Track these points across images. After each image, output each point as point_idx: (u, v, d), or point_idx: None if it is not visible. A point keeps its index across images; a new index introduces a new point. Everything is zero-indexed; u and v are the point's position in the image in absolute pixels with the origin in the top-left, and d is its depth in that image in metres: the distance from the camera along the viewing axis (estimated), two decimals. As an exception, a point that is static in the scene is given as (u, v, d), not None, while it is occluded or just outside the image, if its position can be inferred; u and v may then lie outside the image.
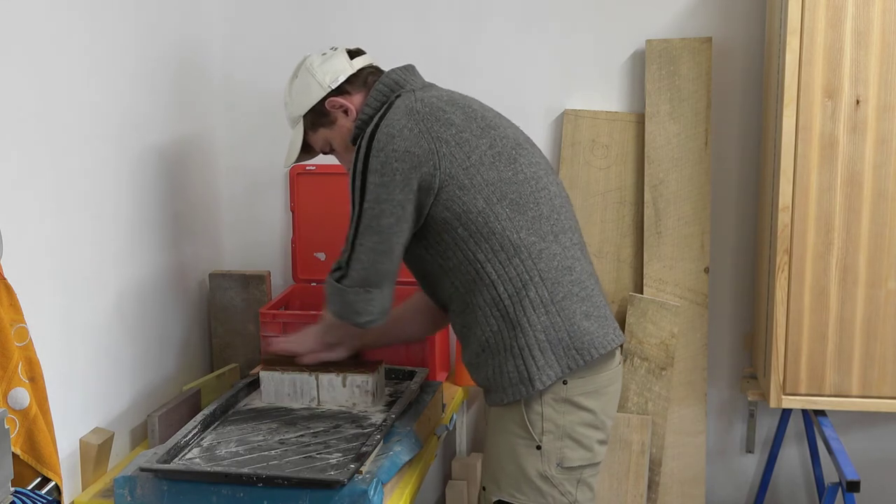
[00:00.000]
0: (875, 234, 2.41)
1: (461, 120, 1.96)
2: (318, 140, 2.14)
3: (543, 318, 1.92)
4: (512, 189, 1.94)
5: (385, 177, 1.89)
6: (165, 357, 2.56)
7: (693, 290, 2.80)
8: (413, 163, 1.89)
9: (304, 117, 2.11)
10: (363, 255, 1.93)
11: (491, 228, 1.91)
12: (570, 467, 1.95)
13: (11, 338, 1.71)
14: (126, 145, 2.34)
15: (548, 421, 1.93)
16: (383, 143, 1.90)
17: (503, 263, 1.92)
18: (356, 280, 1.96)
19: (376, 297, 1.97)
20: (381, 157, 1.89)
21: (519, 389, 1.92)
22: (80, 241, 2.13)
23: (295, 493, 1.83)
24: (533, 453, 1.94)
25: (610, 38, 2.80)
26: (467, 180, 1.91)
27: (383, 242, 1.92)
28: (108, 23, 2.24)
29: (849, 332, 2.45)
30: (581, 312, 1.95)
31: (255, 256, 2.97)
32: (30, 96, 1.94)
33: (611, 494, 2.74)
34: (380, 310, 1.99)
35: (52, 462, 1.78)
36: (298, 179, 2.87)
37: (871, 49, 2.35)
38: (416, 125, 1.91)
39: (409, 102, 1.96)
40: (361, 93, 2.08)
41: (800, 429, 2.93)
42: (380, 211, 1.90)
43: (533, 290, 1.92)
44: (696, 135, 2.76)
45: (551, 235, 1.96)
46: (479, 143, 1.95)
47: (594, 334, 1.95)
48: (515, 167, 1.97)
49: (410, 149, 1.89)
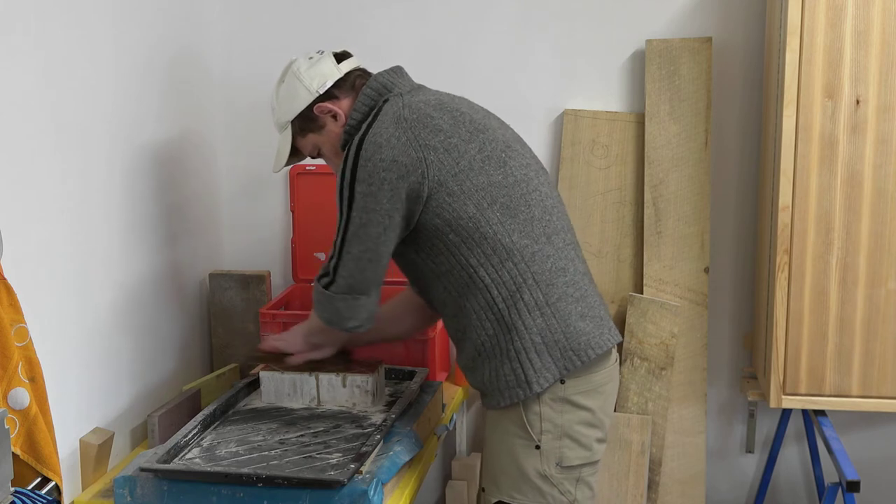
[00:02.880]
0: (875, 234, 2.41)
1: (449, 125, 1.94)
2: (306, 145, 2.13)
3: (539, 321, 1.91)
4: (503, 193, 1.93)
5: (372, 186, 1.88)
6: (165, 357, 2.56)
7: (693, 290, 2.80)
8: (400, 172, 1.88)
9: (292, 123, 2.10)
10: (350, 262, 1.94)
11: (483, 233, 1.91)
12: (569, 466, 1.95)
13: (11, 338, 1.71)
14: (126, 145, 2.34)
15: (546, 420, 1.93)
16: (370, 153, 1.88)
17: (496, 267, 1.91)
18: (343, 287, 1.96)
19: (363, 303, 1.97)
20: (368, 167, 1.88)
21: (516, 392, 1.92)
22: (80, 242, 2.13)
23: (295, 493, 1.83)
24: (532, 453, 1.94)
25: (610, 39, 2.80)
26: (457, 186, 1.90)
27: (370, 251, 1.92)
28: (108, 23, 2.24)
29: (849, 332, 2.45)
30: (576, 313, 1.95)
31: (255, 256, 2.97)
32: (30, 97, 1.94)
33: (611, 494, 2.74)
34: (367, 315, 2.00)
35: (52, 462, 1.78)
36: (298, 179, 2.87)
37: (871, 49, 2.35)
38: (404, 133, 1.90)
39: (397, 109, 1.95)
40: (350, 97, 2.06)
41: (800, 429, 2.93)
42: (367, 220, 1.90)
43: (527, 293, 1.91)
44: (696, 135, 2.76)
45: (544, 237, 1.95)
46: (469, 148, 1.93)
47: (590, 335, 1.95)
48: (505, 170, 1.95)
49: (398, 158, 1.88)
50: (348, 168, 1.91)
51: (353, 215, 1.91)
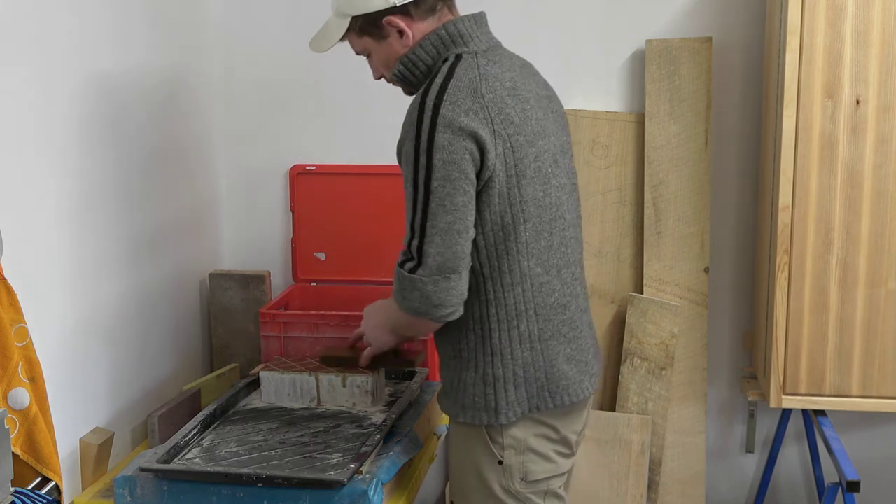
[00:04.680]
0: (875, 234, 2.41)
1: (520, 118, 1.81)
2: (358, 44, 1.95)
3: (527, 354, 1.83)
4: (537, 213, 1.82)
5: (454, 154, 1.73)
6: (165, 357, 2.56)
7: (693, 290, 2.80)
8: (478, 145, 1.75)
9: (354, 17, 1.90)
10: (438, 237, 1.74)
11: (507, 248, 1.80)
12: (534, 480, 1.88)
13: (11, 338, 1.71)
14: (126, 145, 2.34)
15: (508, 436, 1.85)
16: (449, 119, 1.73)
17: (505, 288, 1.81)
18: (433, 268, 1.75)
19: (455, 284, 1.76)
20: (447, 135, 1.73)
21: (480, 416, 1.84)
22: (80, 241, 2.13)
23: (295, 493, 1.83)
24: (495, 468, 1.86)
25: (610, 38, 2.80)
26: (506, 189, 1.78)
27: (458, 222, 1.74)
28: (108, 23, 2.24)
29: (849, 332, 2.45)
30: (564, 355, 1.87)
31: (255, 256, 2.97)
32: (30, 97, 1.94)
33: (611, 494, 2.74)
34: (458, 300, 1.78)
35: (52, 462, 1.78)
36: (298, 179, 2.88)
37: (871, 49, 2.35)
38: (481, 110, 1.76)
39: (473, 78, 1.79)
40: (425, 21, 1.88)
41: (800, 429, 2.93)
42: (452, 189, 1.73)
43: (524, 324, 1.83)
44: (696, 135, 2.76)
45: (555, 269, 1.86)
46: (528, 153, 1.81)
47: (571, 380, 1.87)
48: (546, 189, 1.84)
49: (477, 131, 1.74)
50: (424, 134, 1.75)
51: (434, 185, 1.73)
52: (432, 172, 1.74)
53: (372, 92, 2.60)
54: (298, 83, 2.89)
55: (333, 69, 2.82)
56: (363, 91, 2.80)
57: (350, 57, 2.10)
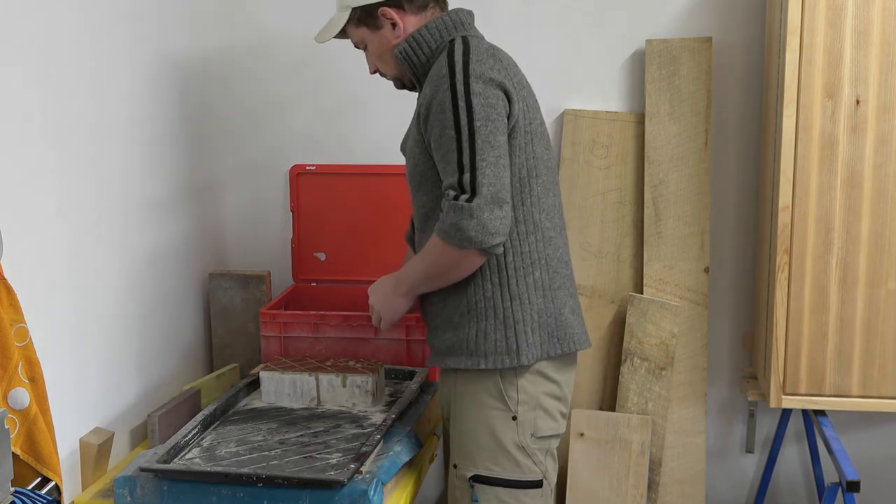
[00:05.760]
0: (875, 234, 2.41)
1: (526, 87, 2.02)
2: (355, 34, 2.11)
3: (540, 301, 1.98)
4: (545, 171, 2.00)
5: (490, 98, 1.89)
6: (165, 357, 2.56)
7: (693, 290, 2.80)
8: (507, 95, 1.92)
9: (353, 9, 2.07)
10: (489, 169, 1.87)
11: (522, 199, 1.96)
12: (542, 437, 2.01)
13: (11, 338, 1.71)
14: (125, 146, 2.34)
15: (522, 391, 1.98)
16: (480, 72, 1.90)
17: (520, 237, 1.96)
18: (488, 197, 1.85)
19: (507, 213, 1.88)
20: (480, 83, 1.89)
21: (503, 359, 1.95)
22: (80, 242, 2.13)
23: (295, 493, 1.83)
24: (509, 424, 1.98)
25: (610, 38, 2.80)
26: (524, 143, 1.96)
27: (503, 157, 1.89)
28: (108, 23, 2.24)
29: (849, 332, 2.45)
30: (568, 307, 2.04)
31: (255, 256, 2.97)
32: (32, 97, 1.94)
33: (611, 494, 2.74)
34: (506, 230, 1.90)
35: (52, 462, 1.78)
36: (298, 179, 2.87)
37: (871, 49, 2.35)
38: (503, 69, 1.95)
39: (489, 48, 1.99)
40: (415, 16, 2.05)
41: (800, 429, 2.93)
42: (493, 128, 1.89)
43: (538, 272, 1.98)
44: (696, 135, 2.76)
45: (559, 227, 2.04)
46: (536, 116, 2.01)
47: (576, 329, 2.04)
48: (549, 153, 2.04)
49: (504, 83, 1.92)
50: (459, 83, 1.89)
51: (478, 125, 1.88)
52: (473, 114, 1.88)
53: (372, 92, 2.61)
54: (299, 83, 2.89)
55: (334, 69, 2.82)
56: (363, 91, 2.80)
57: (350, 57, 2.11)
